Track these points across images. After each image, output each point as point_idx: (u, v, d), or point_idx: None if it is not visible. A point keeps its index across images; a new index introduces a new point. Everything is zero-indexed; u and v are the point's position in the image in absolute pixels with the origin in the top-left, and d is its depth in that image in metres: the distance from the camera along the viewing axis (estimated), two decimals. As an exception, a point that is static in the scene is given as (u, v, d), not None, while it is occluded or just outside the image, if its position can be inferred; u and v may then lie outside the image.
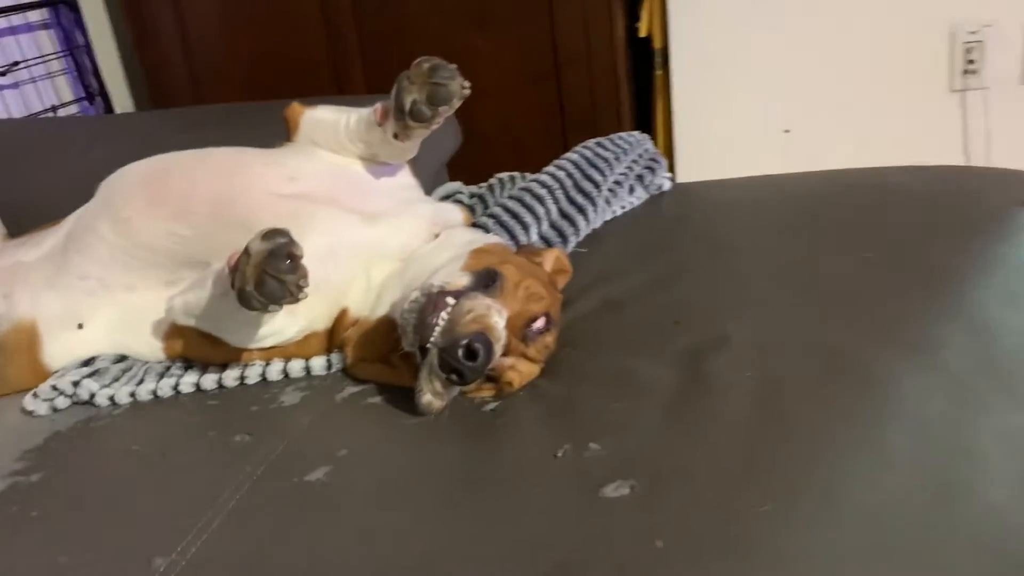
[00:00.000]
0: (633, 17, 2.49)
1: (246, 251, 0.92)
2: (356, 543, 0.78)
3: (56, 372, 1.16)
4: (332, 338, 1.12)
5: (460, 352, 0.89)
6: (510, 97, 2.45)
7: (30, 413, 1.09)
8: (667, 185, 1.56)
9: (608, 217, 1.45)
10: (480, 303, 0.95)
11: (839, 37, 2.36)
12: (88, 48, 2.49)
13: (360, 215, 1.12)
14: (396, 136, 1.09)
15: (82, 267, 1.17)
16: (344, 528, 0.79)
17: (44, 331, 1.18)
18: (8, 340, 1.19)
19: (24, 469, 0.94)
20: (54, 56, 2.45)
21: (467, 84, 1.04)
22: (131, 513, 0.86)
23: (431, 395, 0.94)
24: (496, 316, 0.94)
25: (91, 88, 2.51)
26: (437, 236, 1.15)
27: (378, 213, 1.14)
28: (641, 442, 0.86)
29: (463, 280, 0.99)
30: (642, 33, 2.48)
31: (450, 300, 0.95)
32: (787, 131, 2.47)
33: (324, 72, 2.51)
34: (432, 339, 0.93)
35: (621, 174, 1.50)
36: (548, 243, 1.34)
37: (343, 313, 1.11)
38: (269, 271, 0.90)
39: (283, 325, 1.07)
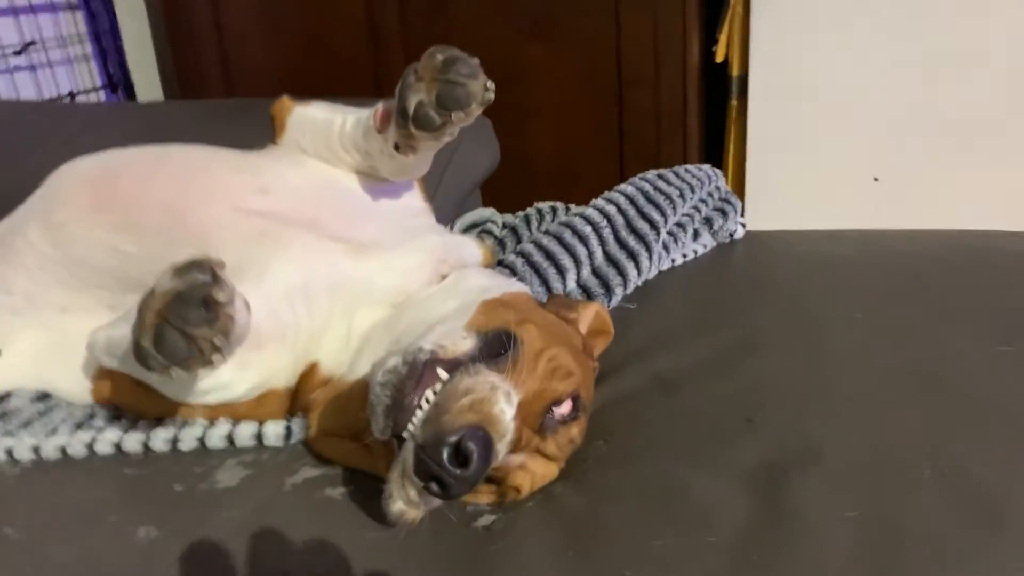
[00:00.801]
0: (710, 39, 2.23)
1: (151, 290, 0.67)
2: None
3: (-41, 408, 0.92)
4: (296, 398, 0.87)
5: (445, 453, 0.63)
6: (565, 116, 2.20)
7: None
8: (740, 232, 1.29)
9: (666, 266, 1.19)
10: (483, 381, 0.68)
11: (941, 76, 2.06)
12: (115, 33, 2.30)
13: (346, 244, 0.87)
14: (397, 147, 0.84)
15: (8, 279, 0.95)
16: None
17: (-47, 355, 0.95)
18: (-93, 362, 0.96)
19: None
20: (75, 38, 2.26)
21: (491, 85, 0.78)
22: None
23: (403, 503, 0.68)
24: (503, 402, 0.68)
25: (114, 76, 2.32)
26: (444, 277, 0.90)
27: (370, 243, 0.88)
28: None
29: (465, 344, 0.73)
30: (719, 57, 2.22)
31: (442, 373, 0.69)
32: (876, 179, 2.17)
33: (364, 75, 2.29)
34: (410, 428, 0.67)
35: (685, 215, 1.24)
36: (588, 294, 1.08)
37: (312, 368, 0.86)
38: (172, 321, 0.65)
39: (230, 379, 0.82)
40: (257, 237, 0.86)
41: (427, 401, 0.67)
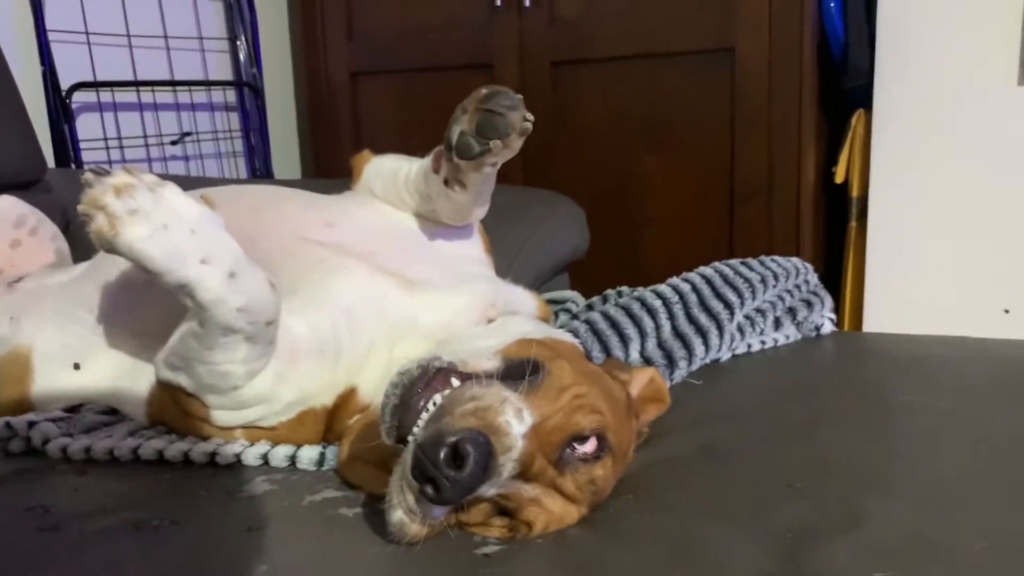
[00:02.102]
0: (831, 160, 2.20)
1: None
2: None
3: (38, 414, 0.98)
4: (332, 424, 0.88)
5: (442, 454, 0.62)
6: (677, 227, 2.21)
7: (-21, 451, 0.91)
8: (828, 327, 1.23)
9: (740, 350, 1.14)
10: (493, 393, 0.67)
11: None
12: (264, 132, 2.51)
13: (398, 278, 0.89)
14: (447, 183, 0.87)
15: (92, 299, 1.01)
16: None
17: (38, 365, 1.02)
18: (1, 368, 1.03)
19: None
20: (226, 134, 2.48)
21: (530, 117, 0.80)
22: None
23: (403, 512, 0.66)
24: (511, 415, 0.66)
25: (259, 171, 2.51)
26: (492, 321, 0.90)
27: (422, 281, 0.90)
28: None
29: (487, 364, 0.72)
30: (839, 178, 2.19)
31: (454, 382, 0.69)
32: (1007, 311, 2.04)
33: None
34: (415, 430, 0.66)
35: (768, 302, 1.20)
36: (650, 365, 1.05)
37: (351, 393, 0.87)
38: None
39: (268, 391, 0.84)
40: (314, 262, 0.90)
41: (433, 404, 0.66)
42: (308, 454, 0.86)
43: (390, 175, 0.97)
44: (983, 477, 0.77)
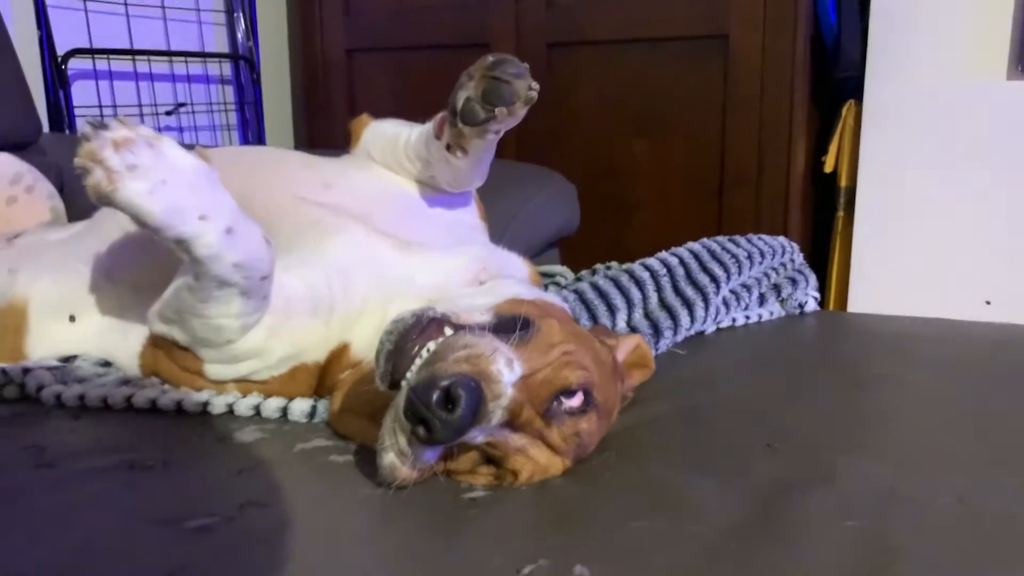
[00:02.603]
0: (821, 149, 2.23)
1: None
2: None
3: (32, 364, 0.99)
4: (324, 379, 0.89)
5: (435, 396, 0.64)
6: (666, 211, 2.23)
7: (-26, 398, 0.92)
8: (812, 305, 1.26)
9: (724, 323, 1.17)
10: (485, 342, 0.69)
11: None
12: (259, 106, 2.51)
13: (394, 240, 0.91)
14: (449, 148, 0.89)
15: (91, 252, 1.02)
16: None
17: (34, 316, 1.03)
18: (-3, 319, 1.05)
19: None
20: (220, 107, 2.48)
21: (535, 85, 0.82)
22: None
23: (395, 455, 0.68)
24: (502, 364, 0.69)
25: (252, 144, 2.52)
26: (483, 283, 0.92)
27: (417, 242, 0.92)
28: (651, 579, 0.56)
29: (480, 317, 0.75)
30: (828, 168, 2.21)
31: (447, 331, 0.71)
32: (988, 303, 2.07)
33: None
34: (408, 376, 0.68)
35: (753, 278, 1.22)
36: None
37: (343, 349, 0.88)
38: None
39: (262, 345, 0.85)
40: (312, 222, 0.91)
41: (427, 351, 0.68)
42: (300, 406, 0.88)
43: (389, 139, 0.99)
44: (950, 442, 0.80)
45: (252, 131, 2.51)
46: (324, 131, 2.58)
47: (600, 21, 2.22)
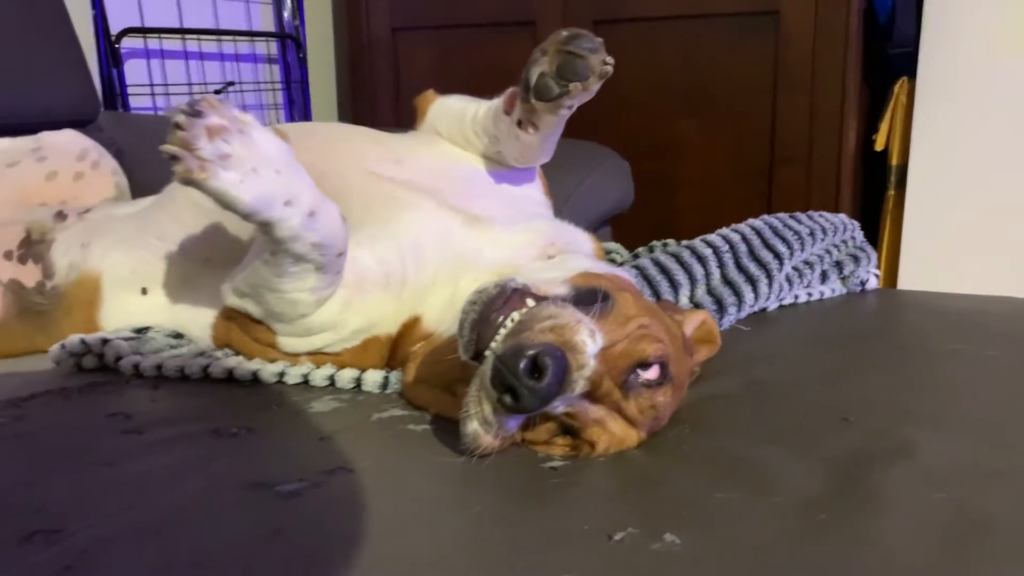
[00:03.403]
0: (872, 127, 2.20)
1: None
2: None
3: (106, 335, 1.02)
4: (396, 351, 0.91)
5: (522, 364, 0.64)
6: (714, 190, 2.22)
7: (55, 364, 0.95)
8: (873, 282, 1.25)
9: (787, 300, 1.16)
10: (568, 313, 0.70)
11: None
12: (305, 85, 2.53)
13: (463, 215, 0.92)
14: (520, 124, 0.89)
15: (163, 226, 1.04)
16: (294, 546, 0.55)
17: (107, 289, 1.06)
18: (71, 292, 1.07)
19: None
20: (268, 86, 2.50)
21: (610, 60, 0.82)
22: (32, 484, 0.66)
23: (478, 424, 0.69)
24: (585, 335, 0.69)
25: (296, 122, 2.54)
26: (552, 258, 0.92)
27: (485, 218, 0.93)
28: (744, 547, 0.57)
29: (558, 289, 0.75)
30: (879, 146, 2.19)
31: (530, 302, 0.71)
32: (1043, 282, 2.04)
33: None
34: (492, 345, 0.69)
35: (815, 255, 1.21)
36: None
37: (414, 321, 0.89)
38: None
39: (336, 318, 0.87)
40: (384, 198, 0.92)
41: (512, 321, 0.69)
42: (373, 377, 0.89)
43: (456, 115, 0.99)
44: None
45: (298, 110, 2.53)
46: (368, 110, 2.59)
47: (649, -3, 2.21)
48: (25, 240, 1.15)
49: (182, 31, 2.26)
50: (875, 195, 2.22)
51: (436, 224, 0.91)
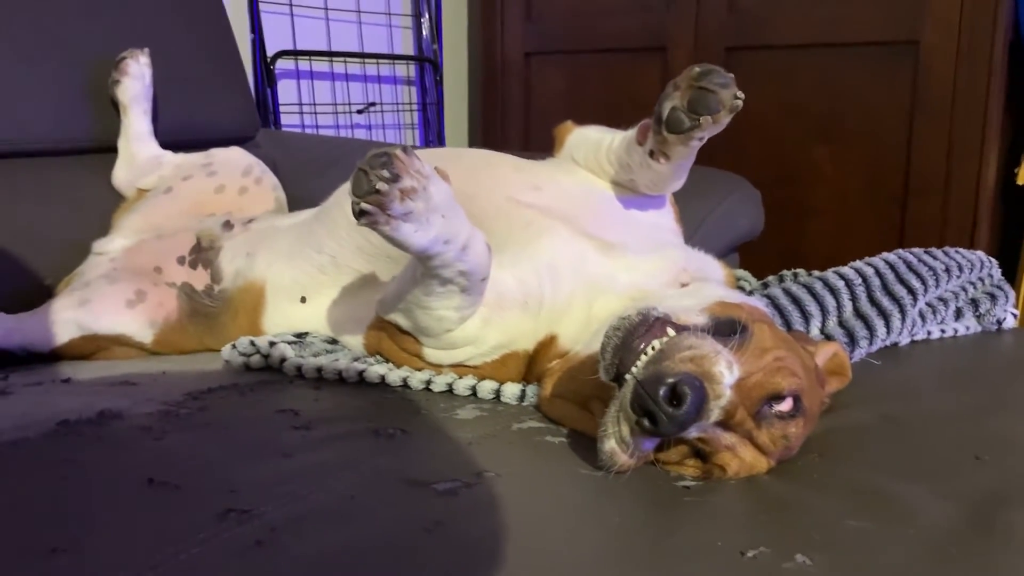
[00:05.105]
0: (1014, 160, 2.13)
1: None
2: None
3: (269, 338, 1.11)
4: (532, 367, 0.96)
5: (662, 391, 0.69)
6: (845, 219, 2.19)
7: (226, 363, 1.05)
8: (1010, 322, 1.23)
9: (919, 336, 1.16)
10: (708, 344, 0.74)
11: None
12: (440, 106, 2.64)
13: (597, 242, 0.97)
14: (652, 154, 0.94)
15: (321, 241, 1.13)
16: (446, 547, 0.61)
17: (270, 296, 1.16)
18: (237, 297, 1.18)
19: (178, 403, 0.88)
20: (406, 107, 2.62)
21: (740, 95, 0.86)
22: (211, 476, 0.73)
23: (615, 442, 0.74)
24: (723, 366, 0.73)
25: (431, 144, 2.65)
26: (684, 286, 0.96)
27: (619, 244, 0.98)
28: (875, 572, 0.59)
29: (697, 318, 0.79)
30: (1020, 179, 2.12)
31: (670, 331, 0.76)
32: None
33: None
34: (633, 370, 0.74)
35: (950, 292, 1.21)
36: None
37: (551, 340, 0.95)
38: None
39: (476, 334, 0.93)
40: (523, 223, 0.98)
41: (652, 348, 0.74)
42: (511, 390, 0.95)
43: (592, 144, 1.05)
44: None
45: (433, 130, 2.64)
46: (499, 132, 2.68)
47: (783, 24, 2.21)
48: (196, 247, 1.27)
49: (330, 54, 2.40)
50: (1015, 231, 2.15)
51: (572, 249, 0.96)
